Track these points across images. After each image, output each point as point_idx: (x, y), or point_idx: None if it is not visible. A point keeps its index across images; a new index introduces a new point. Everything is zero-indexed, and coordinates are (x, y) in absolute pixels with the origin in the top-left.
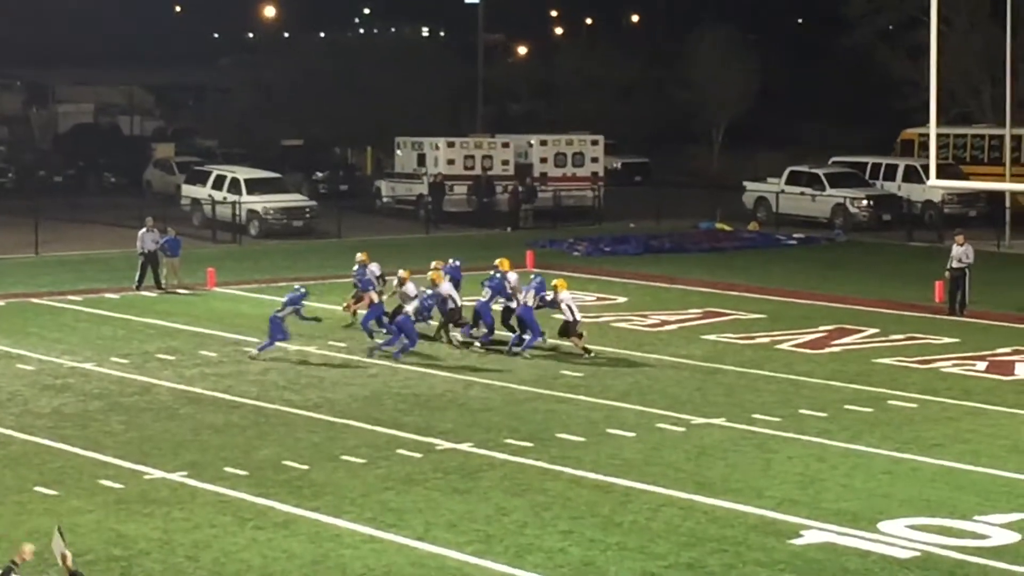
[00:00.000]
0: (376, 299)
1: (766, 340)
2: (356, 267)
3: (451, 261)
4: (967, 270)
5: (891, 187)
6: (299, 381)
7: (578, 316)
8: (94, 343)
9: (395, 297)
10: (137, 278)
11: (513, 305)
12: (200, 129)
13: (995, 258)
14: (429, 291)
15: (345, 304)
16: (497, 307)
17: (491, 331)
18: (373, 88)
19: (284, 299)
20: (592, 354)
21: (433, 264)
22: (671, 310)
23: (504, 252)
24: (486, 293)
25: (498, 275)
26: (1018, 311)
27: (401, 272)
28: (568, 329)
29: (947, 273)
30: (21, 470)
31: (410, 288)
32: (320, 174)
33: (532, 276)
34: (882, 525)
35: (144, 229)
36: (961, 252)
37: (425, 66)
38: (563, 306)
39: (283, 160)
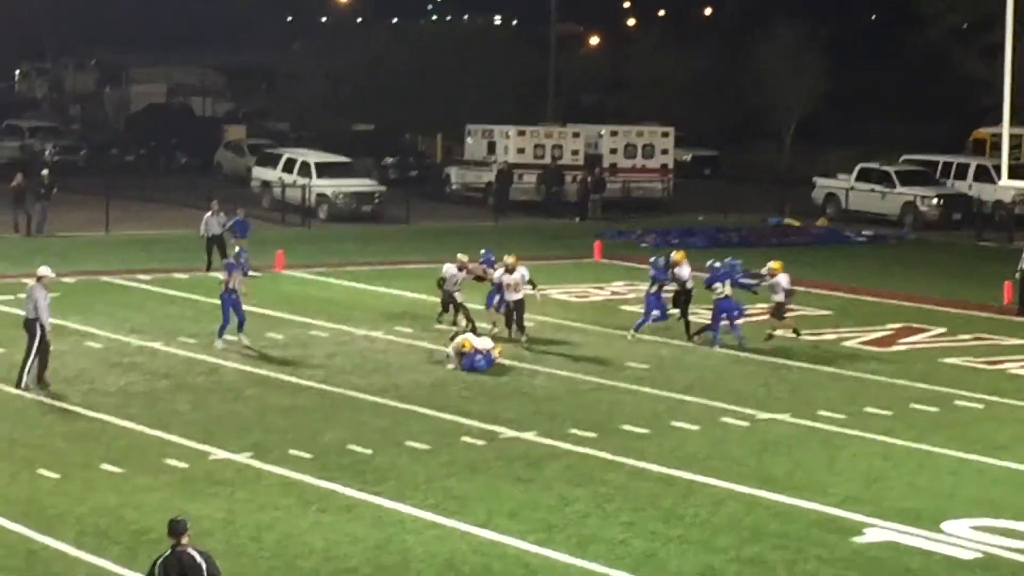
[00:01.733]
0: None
1: (833, 337)
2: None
3: (483, 251)
4: None
5: (962, 186)
6: (365, 366)
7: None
8: (162, 322)
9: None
10: (207, 261)
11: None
12: (272, 112)
13: None
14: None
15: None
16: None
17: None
18: (444, 76)
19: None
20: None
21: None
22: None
23: (572, 242)
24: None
25: (661, 260)
26: None
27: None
28: (779, 311)
29: (1018, 274)
30: (88, 446)
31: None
32: (390, 159)
33: (725, 260)
34: (946, 525)
35: (209, 212)
36: None
37: (496, 55)
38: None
39: (353, 145)
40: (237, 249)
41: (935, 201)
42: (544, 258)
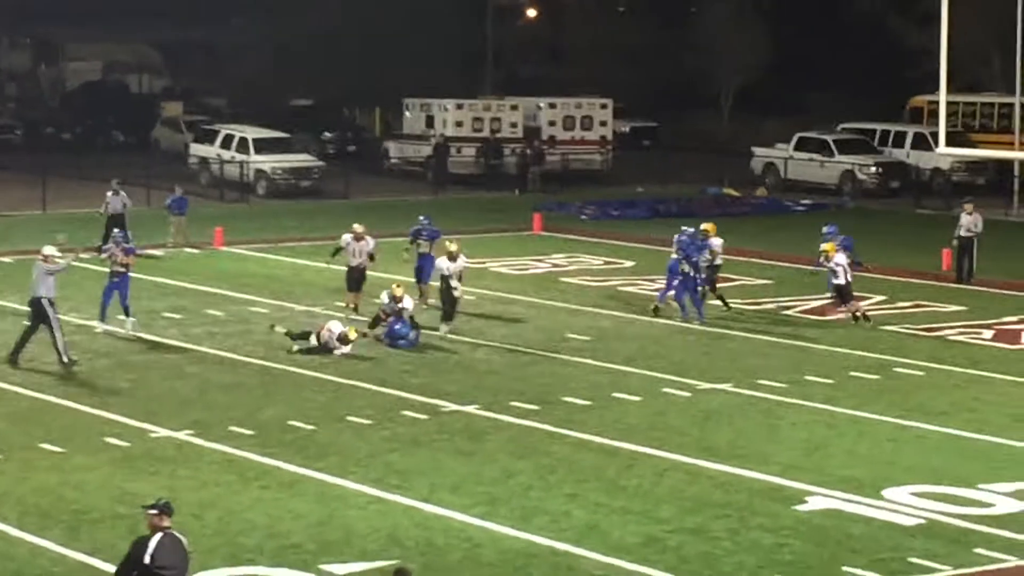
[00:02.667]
0: None
1: (772, 306)
2: None
3: (421, 219)
4: (975, 239)
5: (900, 154)
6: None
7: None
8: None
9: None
10: (102, 238)
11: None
12: (209, 88)
13: (1003, 226)
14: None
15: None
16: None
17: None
18: (383, 48)
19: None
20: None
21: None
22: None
23: (511, 215)
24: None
25: (691, 230)
26: None
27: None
28: (843, 292)
29: (954, 241)
30: (27, 426)
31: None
32: (328, 134)
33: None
34: (887, 492)
35: (111, 192)
36: (970, 221)
37: (434, 25)
38: (837, 268)
39: (292, 120)
40: (116, 231)
41: (873, 169)
42: (484, 231)
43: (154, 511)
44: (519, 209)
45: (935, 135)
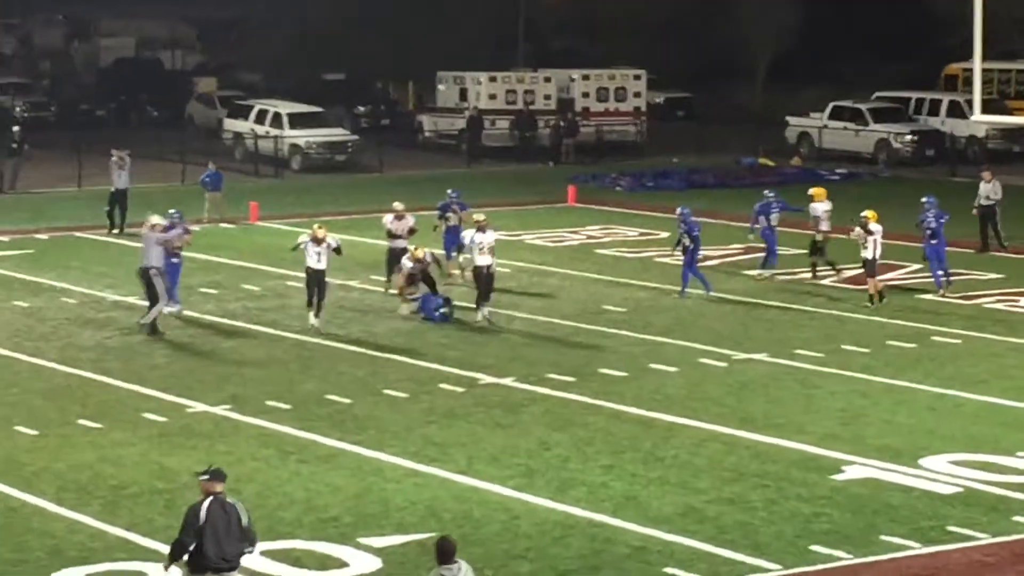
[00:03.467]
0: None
1: (808, 275)
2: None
3: (450, 193)
4: (996, 206)
5: (935, 122)
6: (342, 315)
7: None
8: (137, 277)
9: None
10: (109, 222)
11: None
12: (242, 64)
13: None
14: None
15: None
16: None
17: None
18: (416, 22)
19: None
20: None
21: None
22: (713, 245)
23: (545, 187)
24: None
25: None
26: None
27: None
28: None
29: (975, 211)
30: (64, 403)
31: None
32: (362, 108)
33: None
34: (925, 461)
35: (115, 167)
36: (989, 189)
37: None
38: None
39: (325, 95)
40: (172, 211)
41: (908, 137)
42: (518, 203)
43: (205, 476)
44: (553, 181)
45: (970, 103)
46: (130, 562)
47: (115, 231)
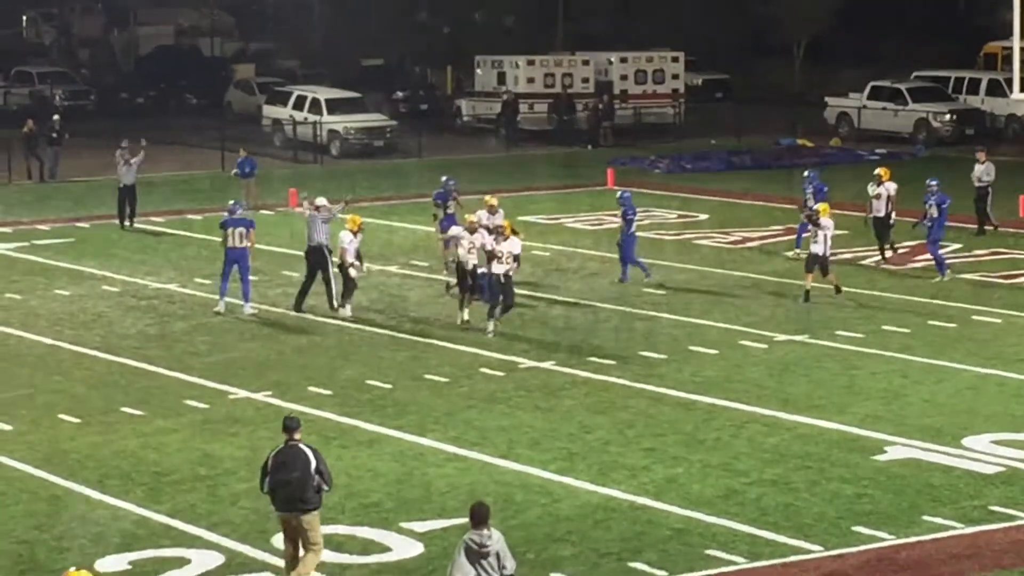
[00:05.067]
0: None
1: (849, 256)
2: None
3: (444, 179)
4: (989, 187)
5: (974, 101)
6: (382, 300)
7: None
8: (178, 264)
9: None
10: (119, 216)
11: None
12: (280, 50)
13: None
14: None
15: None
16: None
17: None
18: (453, 6)
19: None
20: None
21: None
22: (753, 227)
23: (584, 170)
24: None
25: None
26: None
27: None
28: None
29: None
30: (107, 390)
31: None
32: (400, 94)
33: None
34: (967, 441)
35: (120, 157)
36: (982, 170)
37: None
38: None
39: (363, 80)
40: (231, 203)
41: (948, 117)
42: (557, 187)
43: (283, 426)
44: (592, 164)
45: (1009, 81)
46: (173, 548)
47: (126, 223)
